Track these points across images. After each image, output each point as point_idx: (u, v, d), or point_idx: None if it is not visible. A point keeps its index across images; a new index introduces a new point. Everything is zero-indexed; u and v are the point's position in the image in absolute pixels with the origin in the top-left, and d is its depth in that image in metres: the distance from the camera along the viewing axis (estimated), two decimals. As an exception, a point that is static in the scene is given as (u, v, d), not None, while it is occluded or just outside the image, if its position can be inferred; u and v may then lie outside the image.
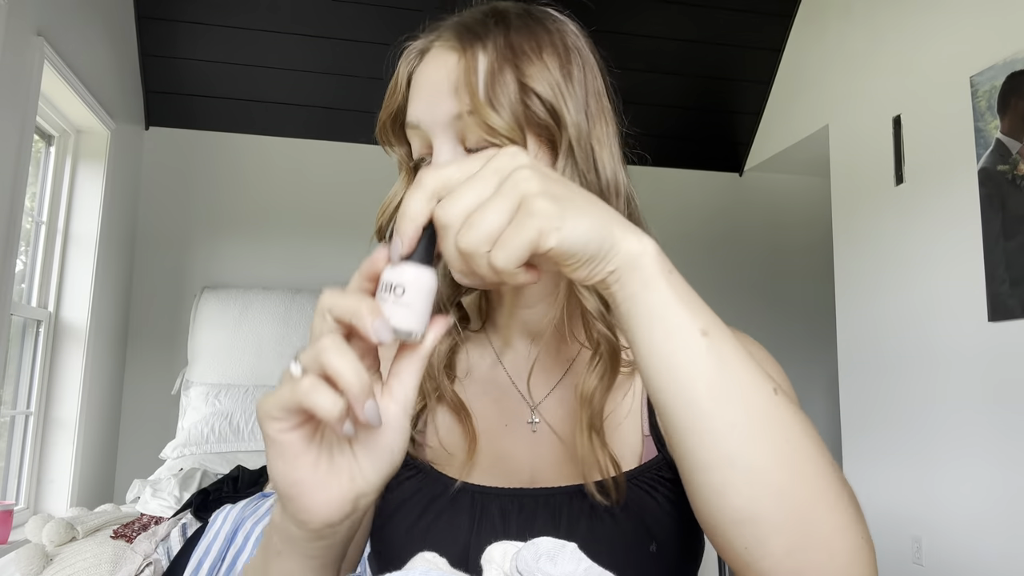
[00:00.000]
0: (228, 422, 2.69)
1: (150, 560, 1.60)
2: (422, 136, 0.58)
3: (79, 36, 2.65)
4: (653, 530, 0.58)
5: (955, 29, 2.65)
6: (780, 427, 0.43)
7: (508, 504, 0.61)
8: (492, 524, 0.60)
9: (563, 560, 0.51)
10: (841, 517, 0.42)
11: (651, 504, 0.59)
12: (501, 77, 0.56)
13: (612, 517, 0.58)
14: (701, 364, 0.42)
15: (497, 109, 0.55)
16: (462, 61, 0.56)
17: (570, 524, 0.58)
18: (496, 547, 0.55)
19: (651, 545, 0.57)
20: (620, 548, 0.56)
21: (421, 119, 0.58)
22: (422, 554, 0.61)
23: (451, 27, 0.60)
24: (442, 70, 0.58)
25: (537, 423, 0.65)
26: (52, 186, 2.81)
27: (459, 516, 0.60)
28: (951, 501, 2.55)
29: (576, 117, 0.59)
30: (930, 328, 2.68)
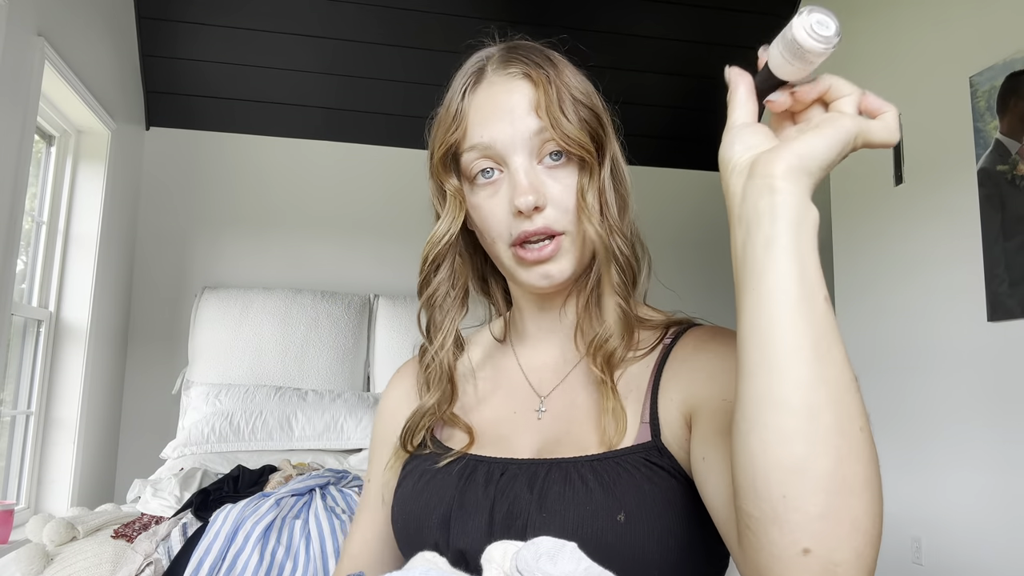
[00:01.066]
0: (228, 422, 2.69)
1: (151, 560, 1.60)
2: (493, 155, 0.67)
3: (80, 36, 2.65)
4: (623, 501, 0.60)
5: (955, 29, 2.65)
6: (856, 400, 0.47)
7: (494, 469, 0.68)
8: (475, 485, 0.67)
9: (563, 560, 0.51)
10: (873, 502, 0.45)
11: (627, 479, 0.61)
12: (566, 98, 0.66)
13: (585, 486, 0.61)
14: (820, 314, 0.46)
15: (571, 123, 0.66)
16: (533, 86, 0.66)
17: (543, 489, 0.63)
18: (496, 547, 0.56)
19: (619, 515, 0.59)
20: (588, 514, 0.59)
21: (496, 138, 0.66)
22: (422, 554, 0.62)
23: (508, 59, 0.69)
24: (515, 94, 0.67)
25: (544, 411, 0.72)
26: (53, 186, 2.81)
27: (449, 478, 0.68)
28: (951, 501, 2.55)
29: (612, 133, 0.72)
30: (929, 328, 2.69)
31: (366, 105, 3.54)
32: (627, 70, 3.64)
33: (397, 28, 3.36)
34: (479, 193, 0.69)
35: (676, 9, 3.48)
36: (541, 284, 0.68)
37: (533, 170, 0.67)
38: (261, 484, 1.98)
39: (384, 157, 3.58)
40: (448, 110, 0.70)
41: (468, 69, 0.71)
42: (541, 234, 0.66)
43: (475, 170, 0.68)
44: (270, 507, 1.59)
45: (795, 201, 0.46)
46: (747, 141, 0.51)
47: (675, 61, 3.65)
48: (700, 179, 4.06)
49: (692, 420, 0.62)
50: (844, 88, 0.50)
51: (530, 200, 0.64)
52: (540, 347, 0.76)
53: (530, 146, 0.66)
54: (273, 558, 1.48)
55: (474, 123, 0.67)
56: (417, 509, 0.69)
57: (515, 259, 0.68)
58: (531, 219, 0.66)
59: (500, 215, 0.67)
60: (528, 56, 0.69)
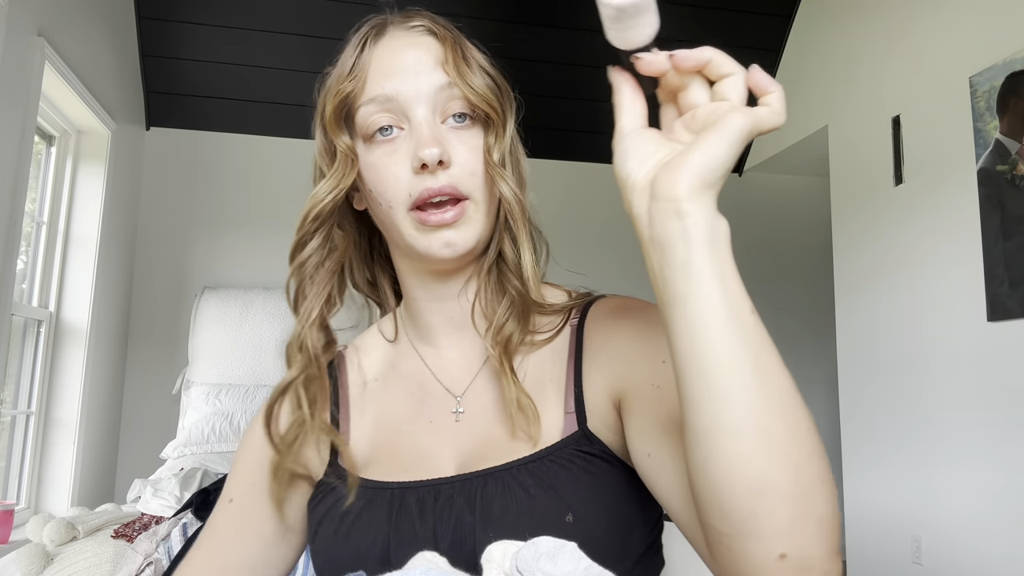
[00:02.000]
0: (229, 422, 2.69)
1: (151, 560, 1.61)
2: (394, 109, 0.62)
3: (80, 36, 2.65)
4: (568, 500, 0.59)
5: (954, 29, 2.65)
6: (799, 403, 0.46)
7: (425, 494, 0.62)
8: (409, 515, 0.61)
9: (563, 559, 0.51)
10: (831, 493, 0.46)
11: (566, 476, 0.60)
12: (471, 58, 0.65)
13: (527, 492, 0.59)
14: (751, 328, 0.45)
15: (478, 81, 0.63)
16: (439, 42, 0.64)
17: (484, 505, 0.59)
18: (496, 546, 0.56)
19: (567, 516, 0.58)
20: (537, 521, 0.58)
21: (399, 91, 0.62)
22: (422, 554, 0.61)
23: (411, 16, 0.66)
24: (420, 49, 0.64)
25: (462, 412, 0.67)
26: (53, 186, 2.81)
27: (377, 513, 0.62)
28: (951, 501, 2.55)
29: (512, 109, 0.68)
30: (929, 328, 2.69)
31: (366, 105, 3.55)
32: (627, 70, 3.64)
33: (397, 28, 3.36)
34: (375, 151, 0.63)
35: (676, 9, 3.48)
36: (443, 253, 0.62)
37: (437, 126, 0.62)
38: (261, 484, 1.98)
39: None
40: (344, 63, 0.66)
41: (366, 26, 0.67)
42: (445, 193, 0.61)
43: (373, 126, 0.63)
44: (270, 507, 1.59)
45: (704, 220, 0.45)
46: (640, 152, 0.50)
47: (675, 61, 3.65)
48: (700, 179, 4.06)
49: (621, 406, 0.61)
50: (725, 65, 0.46)
51: (435, 152, 0.60)
52: (446, 342, 0.70)
53: (434, 101, 0.62)
54: (273, 558, 1.48)
55: (374, 75, 0.63)
56: (347, 555, 0.62)
57: (415, 223, 0.62)
58: (435, 175, 0.61)
59: (400, 174, 0.62)
60: (432, 17, 0.67)
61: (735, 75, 0.46)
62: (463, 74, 0.63)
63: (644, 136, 0.50)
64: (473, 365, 0.68)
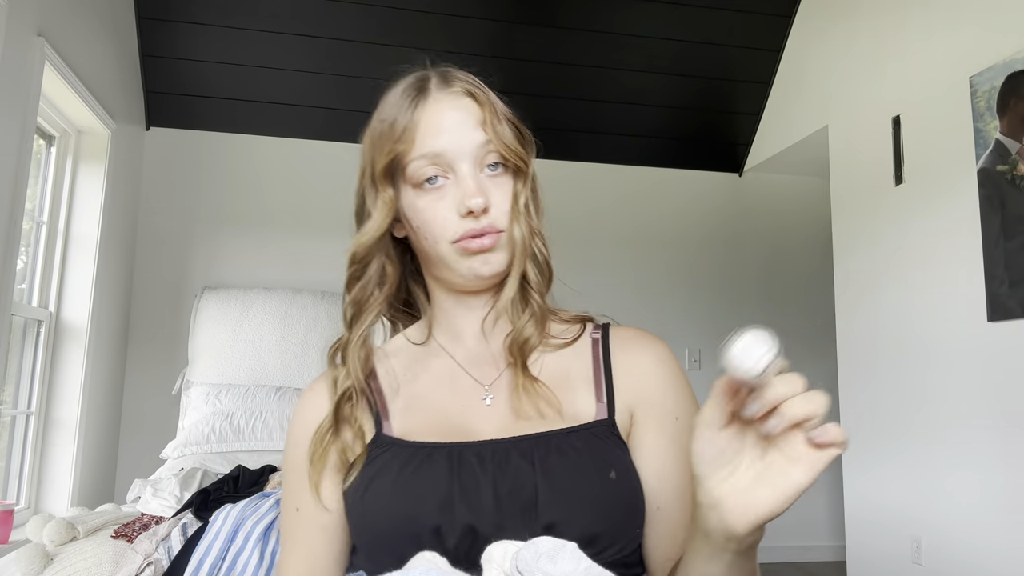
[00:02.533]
0: (229, 422, 2.69)
1: (151, 560, 1.61)
2: (442, 163, 0.73)
3: (80, 36, 2.65)
4: (611, 462, 0.70)
5: (954, 29, 2.65)
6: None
7: (482, 450, 0.70)
8: (470, 468, 0.69)
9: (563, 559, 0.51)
10: None
11: (603, 445, 0.72)
12: (501, 115, 0.76)
13: (576, 452, 0.70)
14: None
15: (505, 144, 0.74)
16: (477, 104, 0.75)
17: (542, 459, 0.69)
18: (496, 546, 0.56)
19: (611, 472, 0.69)
20: (587, 474, 0.68)
21: (447, 148, 0.73)
22: (422, 554, 0.61)
23: (448, 79, 0.77)
24: (462, 111, 0.75)
25: (492, 398, 0.76)
26: (53, 186, 2.81)
27: (437, 467, 0.69)
28: (951, 501, 2.55)
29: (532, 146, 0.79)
30: (929, 328, 2.69)
31: (366, 105, 3.52)
32: (627, 70, 3.64)
33: (397, 28, 3.36)
34: (424, 197, 0.74)
35: (676, 9, 3.48)
36: (482, 271, 0.74)
37: (478, 176, 0.74)
38: (261, 484, 1.98)
39: (384, 157, 3.58)
40: (394, 123, 0.76)
41: (408, 87, 0.77)
42: (483, 232, 0.73)
43: (422, 177, 0.74)
44: (270, 507, 1.59)
45: (744, 552, 0.57)
46: (714, 461, 0.55)
47: (675, 61, 3.65)
48: (700, 179, 4.06)
49: (635, 417, 0.75)
50: (799, 411, 0.50)
51: (480, 202, 0.71)
52: (473, 343, 0.80)
53: (475, 156, 0.74)
54: (273, 558, 1.48)
55: (423, 134, 0.74)
56: (407, 501, 0.68)
57: (459, 251, 0.74)
58: (478, 219, 0.73)
59: (448, 217, 0.73)
60: (467, 78, 0.77)
61: (805, 429, 0.51)
62: (499, 133, 0.74)
63: (718, 444, 0.55)
64: (500, 363, 0.79)
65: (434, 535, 0.65)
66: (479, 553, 0.61)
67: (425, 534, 0.65)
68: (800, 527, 3.82)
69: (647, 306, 3.87)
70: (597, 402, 0.75)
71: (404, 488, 0.69)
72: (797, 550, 3.80)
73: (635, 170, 3.96)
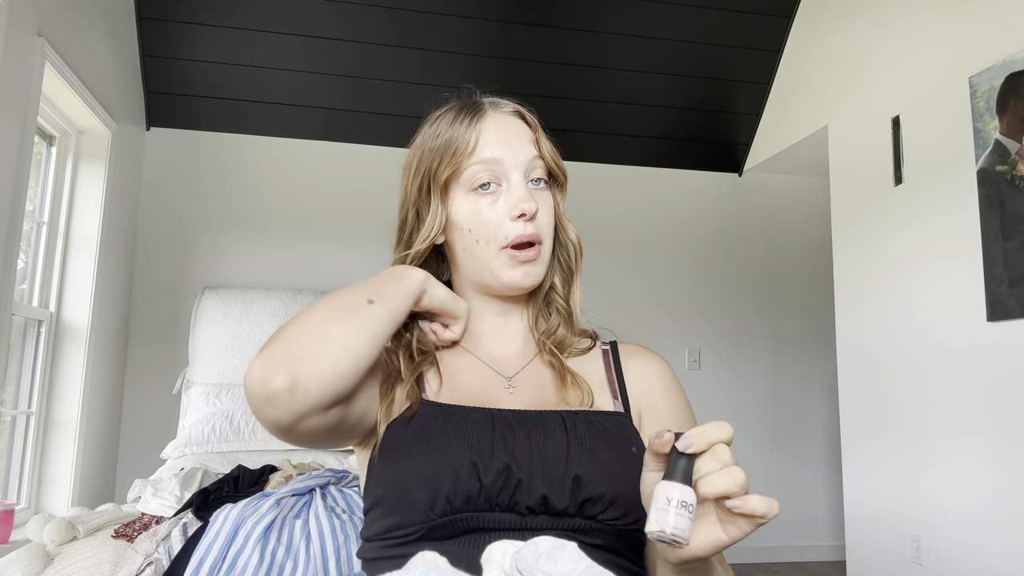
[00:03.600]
0: (229, 422, 2.69)
1: (151, 560, 1.61)
2: (497, 170, 0.82)
3: (80, 37, 2.65)
4: (631, 439, 0.78)
5: (954, 29, 2.65)
6: None
7: (520, 414, 0.77)
8: (509, 425, 0.75)
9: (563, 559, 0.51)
10: None
11: (628, 429, 0.80)
12: (543, 137, 0.86)
13: (603, 424, 0.77)
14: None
15: (552, 158, 0.85)
16: (527, 124, 0.86)
17: (574, 426, 0.75)
18: (496, 546, 0.56)
19: (633, 447, 0.76)
20: (612, 444, 0.75)
21: (504, 157, 0.82)
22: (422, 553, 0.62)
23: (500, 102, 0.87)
24: (516, 127, 0.84)
25: (514, 387, 0.83)
26: (53, 186, 2.81)
27: (479, 422, 0.75)
28: (951, 501, 2.55)
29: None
30: (929, 328, 2.69)
31: (366, 105, 3.54)
32: (627, 70, 3.64)
33: (397, 28, 3.36)
34: (480, 202, 0.82)
35: (676, 9, 3.48)
36: (524, 283, 0.83)
37: (527, 187, 0.83)
38: (261, 484, 1.98)
39: (384, 157, 3.58)
40: (455, 138, 0.83)
41: (465, 108, 0.85)
42: (531, 239, 0.82)
43: (478, 182, 0.82)
44: (270, 507, 1.59)
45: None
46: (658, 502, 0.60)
47: (675, 61, 3.66)
48: (700, 179, 4.06)
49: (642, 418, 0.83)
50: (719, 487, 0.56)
51: (533, 206, 0.80)
52: (498, 344, 0.88)
53: (525, 168, 0.83)
54: (273, 558, 1.49)
55: (483, 144, 0.82)
56: (448, 439, 0.73)
57: (506, 258, 0.82)
58: (526, 225, 0.81)
59: (498, 220, 0.81)
60: (518, 103, 0.88)
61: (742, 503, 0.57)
62: (544, 151, 0.85)
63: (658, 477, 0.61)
64: (518, 362, 0.86)
65: (472, 469, 0.70)
66: (511, 493, 0.69)
67: (464, 468, 0.70)
68: (800, 527, 3.82)
69: (647, 306, 3.88)
70: (614, 399, 0.84)
71: (444, 431, 0.74)
72: (797, 550, 3.80)
73: (635, 170, 3.96)
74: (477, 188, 0.82)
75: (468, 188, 0.82)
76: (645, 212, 3.96)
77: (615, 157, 3.90)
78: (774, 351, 3.98)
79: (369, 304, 0.73)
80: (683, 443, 0.57)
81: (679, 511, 0.54)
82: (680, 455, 0.57)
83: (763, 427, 3.91)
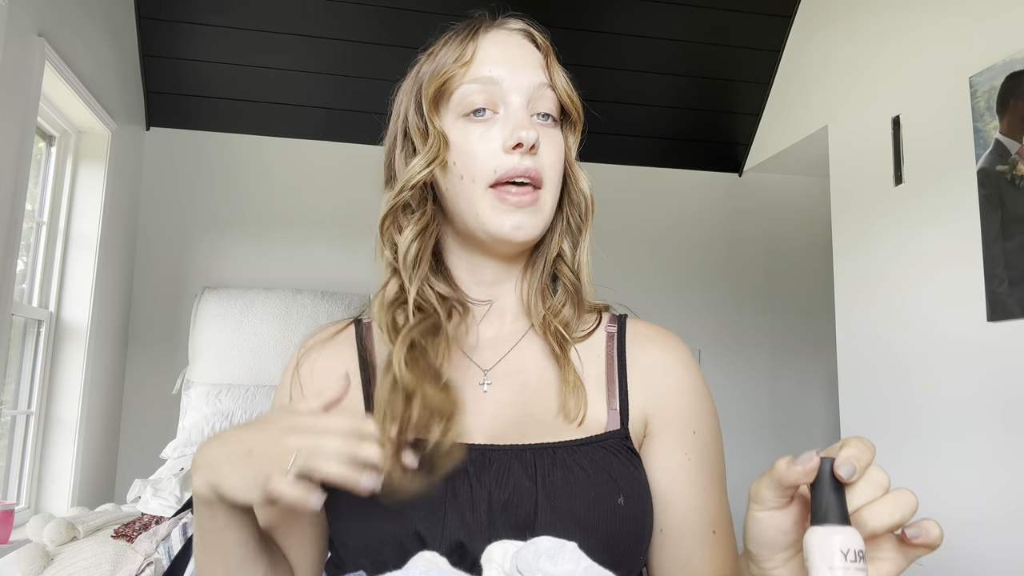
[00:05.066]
0: (229, 422, 2.69)
1: (151, 560, 1.61)
2: (492, 92, 0.67)
3: (80, 37, 2.65)
4: (620, 484, 0.64)
5: (954, 29, 2.65)
6: None
7: (480, 456, 0.64)
8: (465, 476, 0.62)
9: (563, 559, 0.51)
10: None
11: (616, 463, 0.65)
12: (559, 67, 0.71)
13: (583, 470, 0.63)
14: None
15: (565, 89, 0.70)
16: (538, 48, 0.70)
17: (545, 475, 0.62)
18: (496, 546, 0.56)
19: (619, 498, 0.63)
20: (592, 498, 0.62)
21: (504, 77, 0.67)
22: (422, 553, 0.61)
23: (514, 18, 0.72)
24: (525, 48, 0.69)
25: (489, 384, 0.69)
26: (53, 186, 2.81)
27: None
28: (951, 501, 2.55)
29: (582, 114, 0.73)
30: (929, 328, 2.69)
31: (366, 105, 3.54)
32: (628, 70, 3.64)
33: (397, 28, 3.36)
34: (469, 128, 0.67)
35: (676, 9, 3.48)
36: (514, 236, 0.66)
37: (529, 117, 0.67)
38: (261, 484, 1.98)
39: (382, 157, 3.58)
40: (452, 44, 0.69)
41: (463, 25, 0.71)
42: (529, 176, 0.65)
43: (470, 106, 0.67)
44: (270, 507, 1.59)
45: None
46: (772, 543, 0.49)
47: (675, 61, 3.66)
48: (700, 179, 4.06)
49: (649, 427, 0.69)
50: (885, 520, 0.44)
51: (533, 135, 0.64)
52: (483, 323, 0.73)
53: (530, 95, 0.67)
54: (273, 558, 1.48)
55: (481, 60, 0.67)
56: (403, 511, 0.61)
57: (493, 201, 0.65)
58: (524, 157, 0.65)
59: (489, 152, 0.66)
60: (532, 23, 0.72)
61: (918, 529, 0.44)
62: (556, 79, 0.69)
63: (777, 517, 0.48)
64: (502, 347, 0.71)
65: (418, 543, 0.59)
66: (469, 568, 0.57)
67: (410, 540, 0.60)
68: (800, 527, 3.82)
69: (646, 306, 3.86)
70: (609, 409, 0.69)
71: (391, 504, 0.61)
72: (797, 550, 3.80)
73: (634, 170, 3.96)
74: (469, 114, 0.67)
75: (458, 113, 0.68)
76: (644, 212, 3.96)
77: (614, 157, 3.90)
78: (774, 351, 3.98)
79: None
80: (844, 470, 0.43)
81: (858, 566, 0.41)
82: (835, 485, 0.43)
83: (763, 427, 3.90)
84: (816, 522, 0.43)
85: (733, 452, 3.81)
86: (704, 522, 0.67)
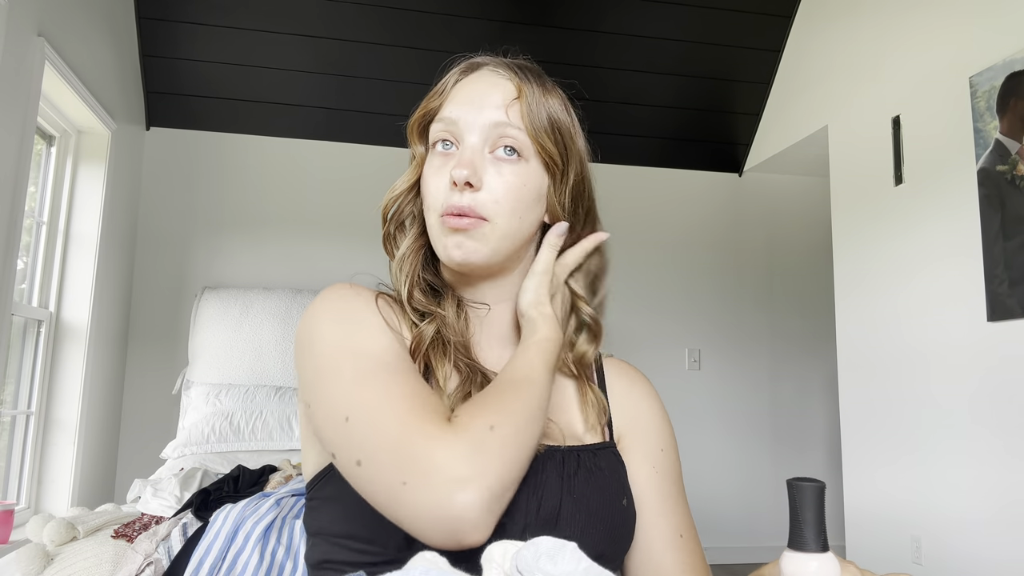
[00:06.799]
0: (229, 422, 2.69)
1: (151, 560, 1.60)
2: (454, 131, 0.72)
3: (80, 37, 2.65)
4: (624, 488, 0.73)
5: (954, 29, 2.65)
6: None
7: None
8: None
9: (563, 559, 0.51)
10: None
11: (621, 469, 0.75)
12: (539, 106, 0.73)
13: (600, 471, 0.72)
14: None
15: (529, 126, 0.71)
16: (515, 91, 0.73)
17: (570, 476, 0.69)
18: (496, 546, 0.56)
19: (623, 499, 0.72)
20: (604, 499, 0.70)
21: (462, 118, 0.72)
22: (422, 553, 0.61)
23: (505, 65, 0.76)
24: (494, 89, 0.73)
25: None
26: (53, 186, 2.81)
27: None
28: (950, 501, 2.55)
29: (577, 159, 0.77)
30: (929, 328, 2.69)
31: (366, 105, 3.54)
32: (629, 70, 3.64)
33: (397, 28, 3.36)
34: (434, 160, 0.73)
35: (676, 9, 3.48)
36: (454, 254, 0.70)
37: (480, 154, 0.71)
38: (261, 484, 1.98)
39: (384, 157, 3.58)
40: (437, 85, 0.76)
41: (469, 61, 0.77)
42: (464, 213, 0.70)
43: (436, 139, 0.73)
44: (270, 507, 1.59)
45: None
46: None
47: (675, 61, 3.65)
48: (700, 179, 4.06)
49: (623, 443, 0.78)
50: None
51: (463, 173, 0.68)
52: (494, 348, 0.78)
53: (486, 134, 0.71)
54: (273, 558, 1.48)
55: (452, 101, 0.73)
56: None
57: (441, 225, 0.71)
58: (461, 194, 0.69)
59: (440, 185, 0.71)
60: (523, 69, 0.76)
61: None
62: (526, 119, 0.71)
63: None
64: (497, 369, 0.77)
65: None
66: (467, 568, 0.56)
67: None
68: (800, 527, 3.81)
69: (646, 306, 3.87)
70: (601, 426, 0.77)
71: None
72: (797, 550, 3.79)
73: (635, 170, 3.95)
74: (437, 145, 0.73)
75: (430, 144, 0.75)
76: (645, 212, 3.96)
77: (615, 157, 3.90)
78: (774, 351, 3.98)
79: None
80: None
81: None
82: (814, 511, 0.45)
83: (763, 427, 3.90)
84: (793, 547, 0.42)
85: (733, 451, 3.81)
86: (672, 526, 0.75)
